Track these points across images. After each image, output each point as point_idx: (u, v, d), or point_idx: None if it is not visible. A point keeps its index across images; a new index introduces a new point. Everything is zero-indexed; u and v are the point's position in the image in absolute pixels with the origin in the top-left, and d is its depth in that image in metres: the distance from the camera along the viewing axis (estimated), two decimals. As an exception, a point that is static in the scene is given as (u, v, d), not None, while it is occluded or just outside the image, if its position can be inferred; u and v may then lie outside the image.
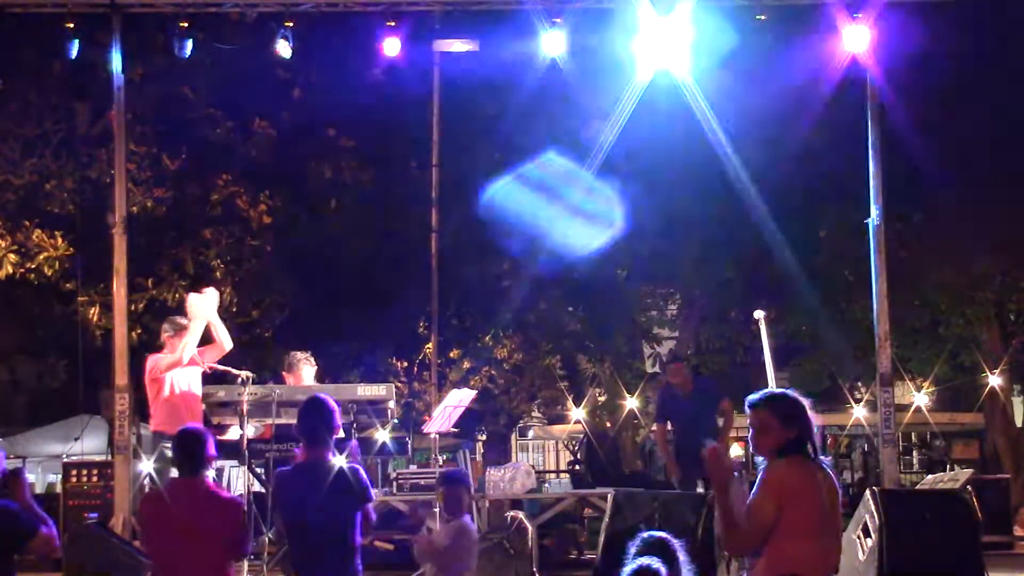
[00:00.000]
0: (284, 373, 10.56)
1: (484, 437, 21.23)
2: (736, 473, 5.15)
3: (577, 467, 20.08)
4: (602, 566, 8.79)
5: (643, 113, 16.59)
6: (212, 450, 6.20)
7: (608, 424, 19.11)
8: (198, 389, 9.94)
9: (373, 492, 6.43)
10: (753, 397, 5.17)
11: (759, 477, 5.02)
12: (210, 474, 6.29)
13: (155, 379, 9.84)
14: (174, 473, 9.33)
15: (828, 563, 4.95)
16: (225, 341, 10.04)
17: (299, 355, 10.54)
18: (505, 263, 17.17)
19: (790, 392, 5.27)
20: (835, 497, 5.04)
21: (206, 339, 10.00)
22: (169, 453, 9.51)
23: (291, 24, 11.92)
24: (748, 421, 5.15)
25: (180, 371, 9.84)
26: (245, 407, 9.38)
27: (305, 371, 10.43)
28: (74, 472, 12.78)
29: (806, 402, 5.14)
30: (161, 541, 6.09)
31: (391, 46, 11.88)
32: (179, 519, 5.99)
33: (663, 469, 10.95)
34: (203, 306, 9.87)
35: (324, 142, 15.29)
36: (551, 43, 11.84)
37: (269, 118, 14.92)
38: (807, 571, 4.88)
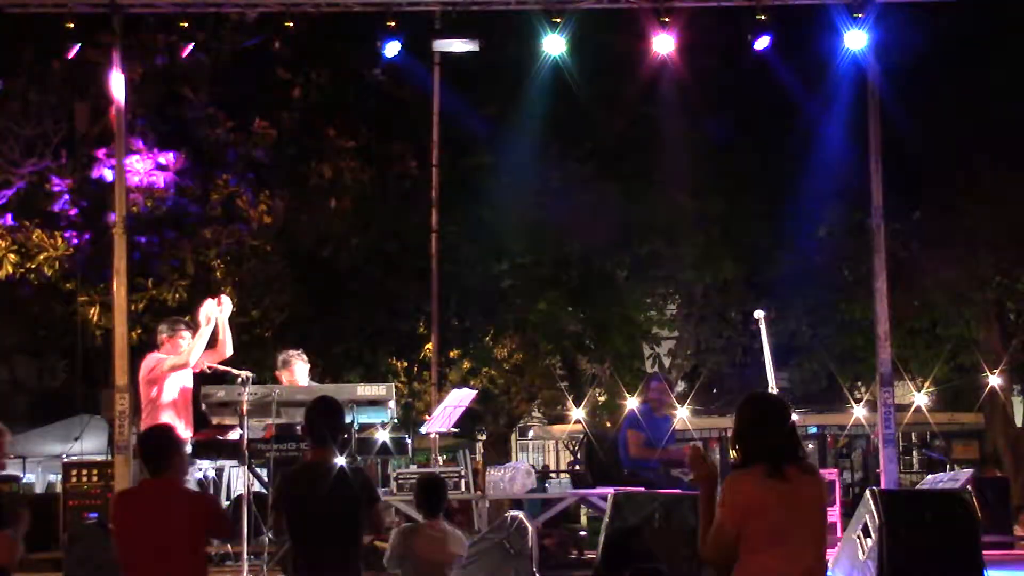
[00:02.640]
0: (278, 372, 10.55)
1: (484, 437, 21.22)
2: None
3: (577, 467, 20.07)
4: (602, 566, 8.79)
5: (643, 112, 16.67)
6: (181, 450, 6.19)
7: (608, 424, 19.10)
8: (189, 387, 9.96)
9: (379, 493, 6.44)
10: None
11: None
12: (195, 475, 6.29)
13: (152, 380, 9.83)
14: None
15: (795, 570, 4.85)
16: (228, 347, 10.06)
17: (292, 352, 10.54)
18: (505, 263, 17.19)
19: (752, 394, 5.25)
20: (806, 501, 4.91)
21: (210, 342, 10.02)
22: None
23: (291, 24, 11.91)
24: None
25: (176, 373, 9.86)
26: (245, 407, 9.37)
27: (298, 367, 10.42)
28: (74, 472, 12.76)
29: (761, 403, 5.08)
30: (130, 542, 6.05)
31: (391, 46, 11.87)
32: (147, 519, 5.97)
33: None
34: (213, 311, 9.90)
35: (324, 142, 15.29)
36: (551, 42, 11.84)
37: (269, 118, 14.92)
38: None
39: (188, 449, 9.49)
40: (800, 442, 5.14)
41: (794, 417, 5.19)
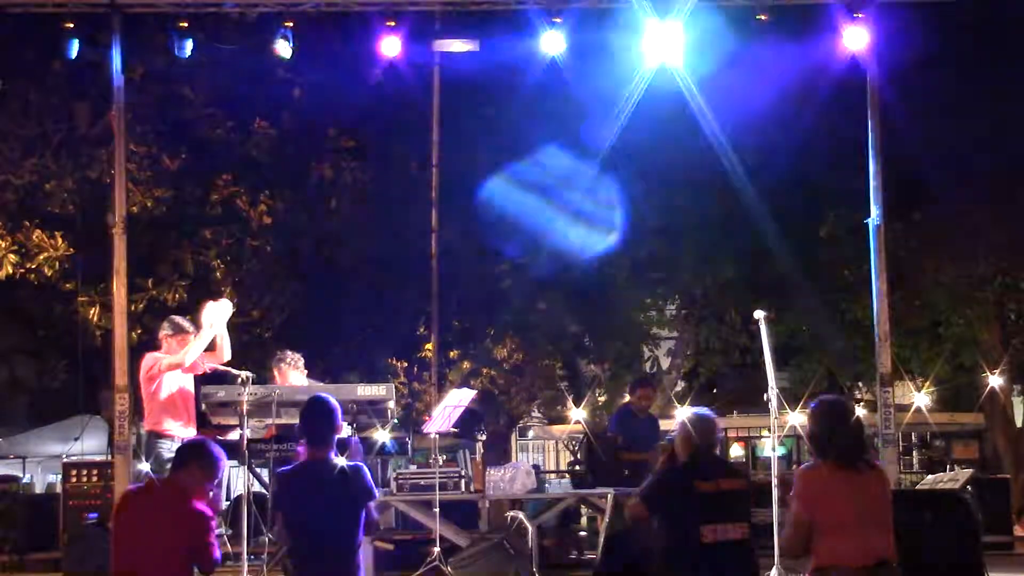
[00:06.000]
0: (272, 369, 10.56)
1: (484, 437, 21.19)
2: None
3: (577, 467, 20.02)
4: (602, 566, 8.79)
5: (643, 113, 16.66)
6: (202, 458, 6.11)
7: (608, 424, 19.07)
8: (191, 389, 9.97)
9: (376, 492, 6.43)
10: None
11: None
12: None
13: (151, 377, 9.85)
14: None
15: (864, 553, 5.44)
16: (226, 352, 10.06)
17: (288, 356, 10.52)
18: (505, 263, 17.17)
19: (822, 399, 5.83)
20: (873, 493, 5.57)
21: (208, 346, 10.03)
22: (165, 453, 9.55)
23: (291, 24, 11.92)
24: None
25: (175, 372, 9.88)
26: (245, 407, 9.38)
27: (292, 376, 10.42)
28: (74, 472, 12.79)
29: (830, 406, 5.71)
30: (121, 539, 6.03)
31: (391, 46, 11.88)
32: (140, 518, 5.94)
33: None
34: (217, 315, 9.91)
35: (324, 142, 15.29)
36: (551, 42, 11.85)
37: (269, 118, 14.92)
38: (840, 561, 5.41)
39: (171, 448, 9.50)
40: (865, 441, 5.82)
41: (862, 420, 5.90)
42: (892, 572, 5.61)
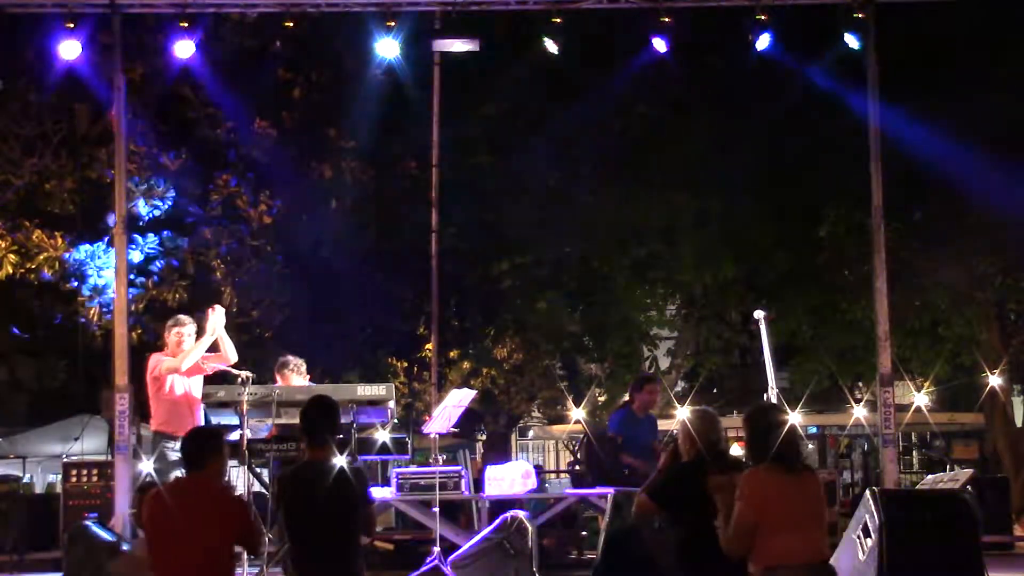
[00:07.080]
0: (275, 372, 10.57)
1: (484, 437, 21.21)
2: None
3: (577, 467, 20.00)
4: (602, 566, 8.79)
5: (641, 112, 16.68)
6: (220, 451, 6.18)
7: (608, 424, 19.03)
8: (199, 391, 9.97)
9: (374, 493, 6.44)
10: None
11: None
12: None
13: (155, 379, 9.88)
14: (177, 473, 9.40)
15: (809, 551, 5.63)
16: (231, 354, 10.06)
17: (292, 361, 10.52)
18: (505, 263, 17.18)
19: (755, 405, 6.15)
20: (813, 493, 5.75)
21: (212, 348, 10.03)
22: (171, 454, 9.56)
23: (291, 24, 11.92)
24: None
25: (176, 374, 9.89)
26: (245, 407, 9.38)
27: (295, 381, 10.42)
28: (74, 472, 12.79)
29: (764, 412, 5.97)
30: (158, 537, 6.05)
31: (390, 46, 11.88)
32: (176, 516, 5.96)
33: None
34: (217, 322, 9.91)
35: (324, 142, 15.29)
36: (550, 43, 11.85)
37: (269, 118, 14.93)
38: (789, 560, 5.57)
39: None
40: (799, 445, 5.99)
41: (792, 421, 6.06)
42: (831, 571, 5.83)
